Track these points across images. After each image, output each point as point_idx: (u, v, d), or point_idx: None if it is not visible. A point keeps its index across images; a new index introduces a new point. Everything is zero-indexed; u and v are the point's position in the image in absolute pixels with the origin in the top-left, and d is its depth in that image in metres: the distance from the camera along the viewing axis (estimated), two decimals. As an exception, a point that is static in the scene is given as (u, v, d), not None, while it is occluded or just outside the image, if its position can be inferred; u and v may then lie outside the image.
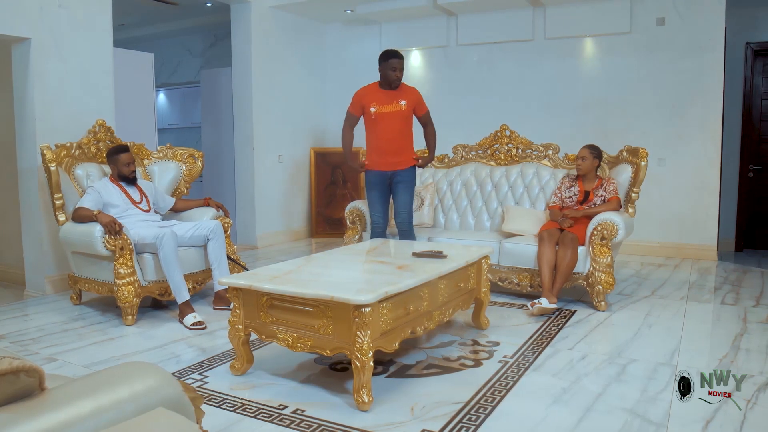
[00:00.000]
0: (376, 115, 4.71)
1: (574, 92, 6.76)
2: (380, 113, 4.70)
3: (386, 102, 4.71)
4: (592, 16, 6.47)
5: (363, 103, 4.75)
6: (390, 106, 4.71)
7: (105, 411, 1.18)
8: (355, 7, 7.18)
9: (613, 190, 4.58)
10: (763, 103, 6.93)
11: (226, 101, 7.34)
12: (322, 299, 2.70)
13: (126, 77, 5.82)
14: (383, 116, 4.71)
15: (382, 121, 4.72)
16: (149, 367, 1.36)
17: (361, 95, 4.78)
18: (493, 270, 4.60)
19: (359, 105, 4.77)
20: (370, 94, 4.76)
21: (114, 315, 4.24)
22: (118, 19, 5.98)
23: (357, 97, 4.81)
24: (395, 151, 4.78)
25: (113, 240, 3.94)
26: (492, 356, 3.38)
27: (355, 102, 4.81)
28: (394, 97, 4.73)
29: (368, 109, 4.72)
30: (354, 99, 4.82)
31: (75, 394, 1.21)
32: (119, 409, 1.20)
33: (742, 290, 4.97)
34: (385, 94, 4.73)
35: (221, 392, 2.89)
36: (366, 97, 4.75)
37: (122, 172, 4.39)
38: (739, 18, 6.63)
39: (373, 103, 4.71)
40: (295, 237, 7.72)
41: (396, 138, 4.77)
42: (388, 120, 4.72)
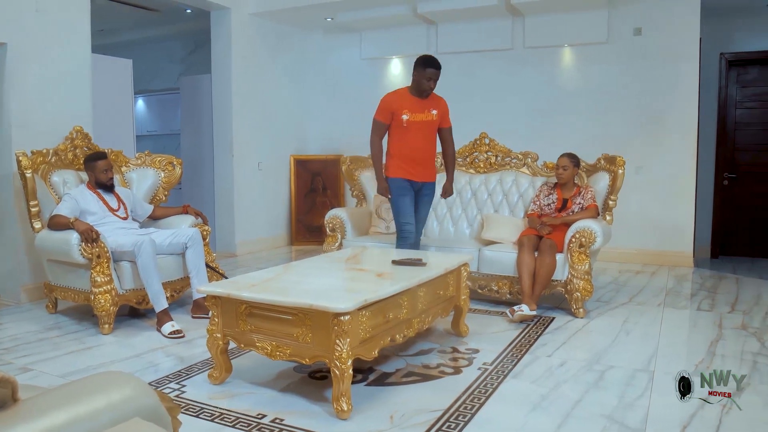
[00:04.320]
0: (408, 123, 4.45)
1: (554, 101, 6.82)
2: (412, 121, 4.45)
3: (418, 110, 4.47)
4: (571, 26, 6.54)
5: (393, 109, 4.45)
6: (422, 114, 4.48)
7: (80, 421, 1.16)
8: (336, 15, 7.19)
9: (590, 198, 4.63)
10: (737, 113, 7.05)
11: (206, 108, 7.31)
12: (301, 307, 2.69)
13: (104, 83, 5.77)
14: (415, 125, 4.47)
15: (413, 130, 4.48)
16: (125, 377, 1.34)
17: (391, 101, 4.49)
18: (472, 277, 4.61)
19: (389, 112, 4.47)
20: (400, 101, 4.48)
21: (90, 324, 4.19)
22: (96, 24, 5.94)
23: (386, 103, 4.51)
24: (423, 161, 4.58)
25: (90, 248, 3.89)
26: (471, 363, 3.39)
27: (383, 109, 4.50)
28: (426, 106, 4.50)
29: (399, 116, 4.43)
30: (382, 106, 4.51)
31: (49, 404, 1.19)
32: (95, 420, 1.18)
33: (717, 296, 5.04)
34: (417, 102, 4.48)
35: (199, 402, 2.87)
36: (396, 103, 4.47)
37: (100, 179, 4.35)
38: (714, 29, 6.75)
39: (405, 110, 4.44)
40: (274, 244, 7.69)
41: (426, 148, 4.57)
42: (419, 129, 4.49)
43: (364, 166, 5.77)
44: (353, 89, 7.89)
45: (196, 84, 7.56)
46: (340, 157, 6.04)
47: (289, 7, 6.92)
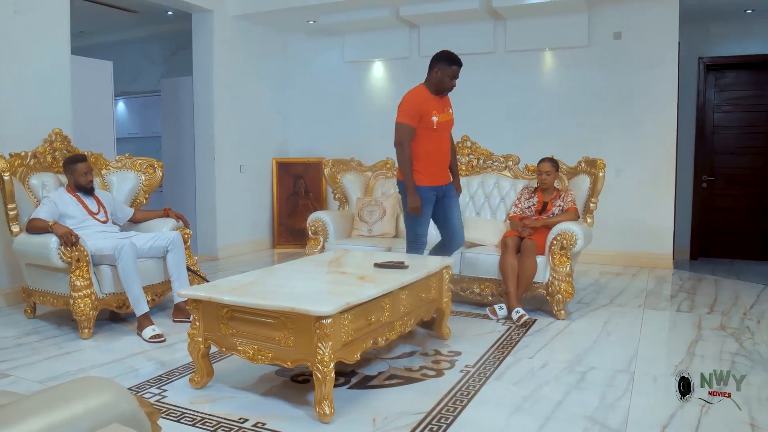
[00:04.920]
0: (438, 125, 4.17)
1: (535, 104, 6.87)
2: (440, 122, 4.18)
3: (442, 110, 4.21)
4: (552, 29, 6.59)
5: (423, 111, 4.12)
6: (445, 114, 4.23)
7: (58, 428, 1.15)
8: (318, 18, 7.19)
9: (571, 201, 4.67)
10: (716, 116, 7.14)
11: (187, 111, 7.26)
12: (283, 311, 2.69)
13: (84, 85, 5.72)
14: (441, 126, 4.20)
15: (440, 131, 4.21)
16: (104, 382, 1.33)
17: (420, 102, 4.14)
18: (454, 280, 4.63)
19: (418, 114, 4.11)
20: (427, 102, 4.16)
21: (70, 328, 4.14)
22: (76, 26, 5.88)
23: (415, 105, 4.14)
24: (446, 163, 4.37)
25: (69, 251, 3.85)
26: (454, 366, 3.39)
27: (413, 111, 4.12)
28: (445, 105, 4.27)
29: (429, 117, 4.12)
30: (411, 107, 4.14)
31: (26, 411, 1.17)
32: (73, 426, 1.17)
33: (696, 298, 5.09)
34: (438, 102, 4.21)
35: (180, 406, 2.85)
36: (425, 104, 4.14)
37: (79, 182, 4.31)
38: (692, 33, 6.84)
39: (433, 111, 4.14)
40: (257, 248, 7.66)
41: (448, 149, 4.38)
42: (444, 130, 4.25)
43: (346, 169, 5.77)
44: (336, 92, 7.89)
45: (177, 86, 7.51)
46: (323, 160, 6.03)
47: (271, 10, 6.90)
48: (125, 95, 9.03)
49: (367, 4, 6.69)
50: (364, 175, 5.80)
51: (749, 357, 3.55)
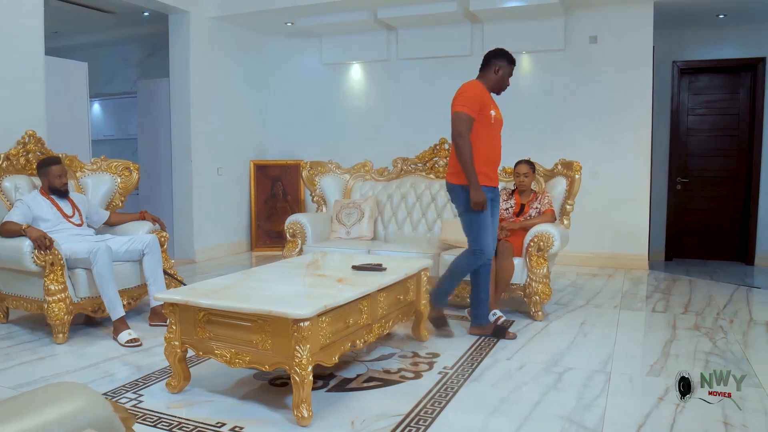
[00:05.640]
0: (495, 120, 3.91)
1: (512, 107, 6.87)
2: (497, 118, 3.94)
3: (496, 108, 3.97)
4: (529, 33, 6.64)
5: (483, 102, 3.83)
6: (498, 112, 3.98)
7: (30, 435, 1.13)
8: (296, 20, 7.17)
9: (547, 203, 4.70)
10: (689, 119, 7.25)
11: (164, 112, 7.20)
12: (261, 314, 2.67)
13: (59, 86, 5.65)
14: (497, 123, 3.96)
15: (496, 129, 3.96)
16: (77, 388, 1.31)
17: (481, 93, 3.85)
18: (432, 282, 4.63)
19: (479, 105, 3.79)
20: (485, 94, 3.89)
21: (44, 333, 4.08)
22: (50, 26, 5.81)
23: (477, 94, 3.82)
24: (498, 164, 4.06)
25: (43, 255, 3.79)
26: (432, 368, 3.40)
27: (475, 101, 3.78)
28: (496, 104, 4.03)
29: (488, 111, 3.83)
30: (473, 97, 3.80)
31: (-3, 417, 1.16)
32: (45, 433, 1.15)
33: (671, 298, 5.16)
34: (492, 99, 4.00)
35: (157, 411, 2.82)
36: (485, 96, 3.87)
37: (53, 185, 4.25)
38: (667, 38, 6.94)
39: (492, 106, 3.89)
40: (235, 250, 7.62)
41: (500, 150, 4.05)
42: (498, 128, 3.99)
43: (324, 171, 5.76)
44: (314, 94, 7.88)
45: (153, 88, 7.45)
46: (301, 162, 6.02)
47: (248, 12, 6.88)
48: (101, 97, 8.94)
49: (344, 6, 6.69)
50: (342, 177, 5.79)
51: (722, 356, 3.61)
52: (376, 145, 7.34)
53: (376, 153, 6.73)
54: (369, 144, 7.43)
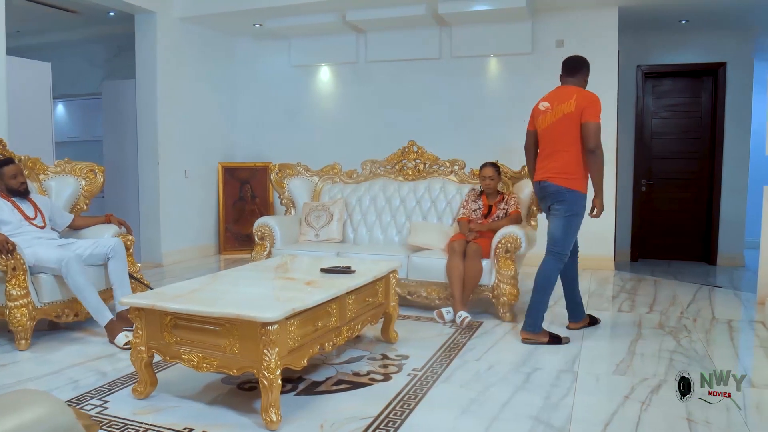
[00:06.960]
0: None
1: (481, 109, 6.97)
2: None
3: None
4: (496, 36, 6.70)
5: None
6: None
7: (-12, 444, 1.11)
8: (264, 22, 7.14)
9: (514, 204, 4.75)
10: (654, 122, 7.39)
11: (130, 114, 7.10)
12: (228, 317, 2.65)
13: (20, 87, 5.54)
14: None
15: None
16: (39, 395, 1.29)
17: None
18: (401, 284, 4.65)
19: None
20: None
21: (5, 340, 3.99)
22: (12, 25, 5.69)
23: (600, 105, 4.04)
24: None
25: (5, 260, 3.71)
26: (401, 369, 3.41)
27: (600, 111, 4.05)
28: None
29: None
30: (600, 107, 4.09)
31: (-46, 426, 1.13)
32: (5, 441, 1.13)
33: (637, 298, 5.25)
34: None
35: (123, 418, 2.77)
36: None
37: (10, 186, 4.15)
38: (631, 43, 7.06)
39: None
40: (202, 254, 7.54)
41: None
42: None
43: (293, 173, 5.73)
44: (283, 96, 7.85)
45: (119, 89, 7.34)
46: (269, 164, 5.99)
47: (216, 13, 6.82)
48: (65, 98, 8.77)
49: (313, 8, 6.67)
50: (311, 179, 5.77)
51: (686, 354, 3.68)
52: (345, 147, 7.33)
53: (345, 155, 6.71)
54: (338, 146, 7.42)
